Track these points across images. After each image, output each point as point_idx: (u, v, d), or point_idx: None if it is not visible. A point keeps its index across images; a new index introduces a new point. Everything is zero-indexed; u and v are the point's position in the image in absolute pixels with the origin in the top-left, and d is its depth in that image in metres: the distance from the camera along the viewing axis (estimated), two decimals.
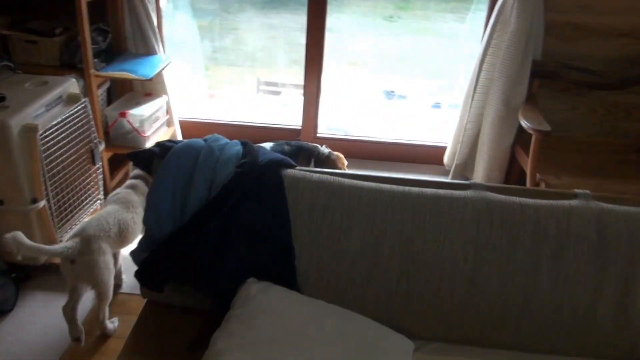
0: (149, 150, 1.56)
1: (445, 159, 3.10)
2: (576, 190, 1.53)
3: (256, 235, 1.47)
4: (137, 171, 2.16)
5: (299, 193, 1.51)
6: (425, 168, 3.20)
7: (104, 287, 1.85)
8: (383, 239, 1.48)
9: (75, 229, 1.91)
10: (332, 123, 3.88)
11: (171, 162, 1.51)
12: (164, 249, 1.44)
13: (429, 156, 3.26)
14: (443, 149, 3.16)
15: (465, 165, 2.96)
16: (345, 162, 2.68)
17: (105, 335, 2.00)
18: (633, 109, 2.75)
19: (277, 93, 4.46)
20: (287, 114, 3.89)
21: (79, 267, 1.78)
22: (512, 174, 2.78)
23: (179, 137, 3.20)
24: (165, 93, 3.06)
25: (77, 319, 1.89)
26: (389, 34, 8.27)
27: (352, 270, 1.49)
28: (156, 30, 2.96)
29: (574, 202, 1.49)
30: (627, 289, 1.43)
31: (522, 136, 2.60)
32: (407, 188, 1.51)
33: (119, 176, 2.99)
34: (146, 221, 1.48)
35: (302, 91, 3.32)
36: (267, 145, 2.72)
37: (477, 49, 2.75)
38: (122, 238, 1.94)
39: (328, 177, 1.54)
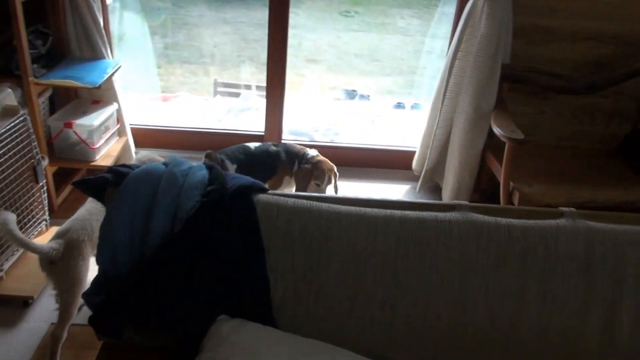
0: (101, 177, 1.41)
1: (414, 164, 3.05)
2: (562, 209, 1.48)
3: (227, 268, 1.35)
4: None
5: (272, 220, 1.40)
6: (394, 174, 3.15)
7: (72, 297, 1.79)
8: (365, 267, 1.39)
9: (60, 228, 1.83)
10: (295, 126, 3.76)
11: (127, 190, 1.37)
12: (122, 290, 1.30)
13: (397, 161, 3.20)
14: (411, 153, 3.10)
15: (435, 171, 2.92)
16: (336, 172, 2.54)
17: None
18: (596, 113, 2.77)
19: (236, 95, 4.31)
20: (248, 117, 3.75)
21: (58, 269, 1.76)
22: (482, 178, 2.75)
23: (132, 148, 3.02)
24: (116, 100, 2.88)
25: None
26: (346, 29, 8.20)
27: (332, 300, 1.40)
28: (102, 31, 2.77)
29: (560, 222, 1.44)
30: (614, 310, 1.39)
31: (492, 141, 2.58)
32: (389, 212, 1.43)
33: (65, 192, 2.79)
34: (100, 259, 1.34)
35: (263, 92, 3.18)
36: (252, 145, 2.60)
37: (434, 44, 2.72)
38: None
39: (304, 201, 1.43)
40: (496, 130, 2.30)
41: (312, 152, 2.52)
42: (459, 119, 2.63)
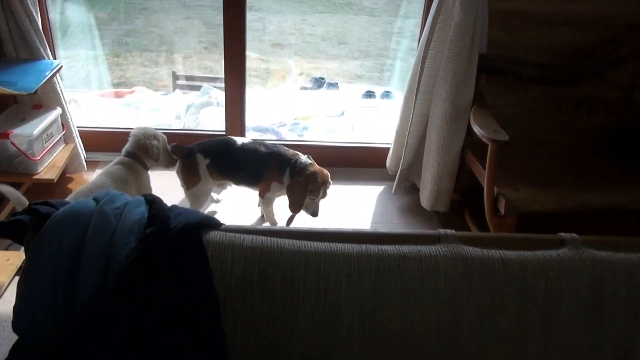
0: (18, 220, 1.15)
1: (388, 163, 2.84)
2: (563, 236, 1.28)
3: (174, 327, 1.12)
4: (128, 147, 2.20)
5: (227, 264, 1.17)
6: (368, 173, 2.93)
7: None
8: (338, 314, 1.17)
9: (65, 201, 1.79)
10: (260, 121, 3.50)
11: (48, 238, 1.11)
12: None
13: (371, 159, 2.99)
14: (384, 150, 2.89)
15: (411, 170, 2.71)
16: (330, 184, 2.23)
17: None
18: (580, 103, 2.59)
19: (197, 88, 4.01)
20: (210, 114, 3.47)
21: None
22: (461, 177, 2.56)
23: (82, 154, 2.73)
24: (59, 104, 2.57)
25: None
26: (312, 11, 7.88)
27: (302, 356, 1.18)
28: (40, 28, 2.45)
29: (562, 252, 1.25)
30: (628, 354, 1.21)
31: (471, 138, 2.37)
32: (364, 247, 1.21)
33: (6, 209, 2.49)
34: (17, 322, 1.09)
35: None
36: (240, 140, 2.30)
37: (403, 24, 2.49)
38: None
39: (264, 239, 1.20)
40: (477, 130, 2.10)
41: (305, 159, 2.21)
42: (435, 115, 2.41)
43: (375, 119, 3.77)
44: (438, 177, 2.47)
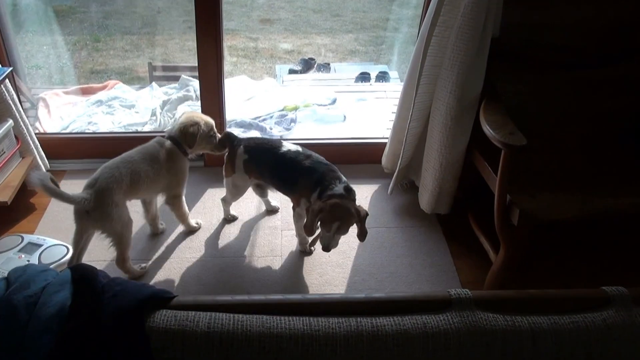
0: None
1: (384, 161, 2.55)
2: (608, 291, 1.01)
3: None
4: (171, 130, 2.11)
5: (177, 355, 0.90)
6: (361, 170, 2.64)
7: (118, 237, 1.89)
8: None
9: (89, 179, 1.89)
10: (244, 113, 3.20)
11: None
12: None
13: (365, 155, 2.69)
14: (380, 145, 2.60)
15: (410, 167, 2.42)
16: (349, 225, 1.82)
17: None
18: (602, 85, 2.26)
19: (176, 79, 3.69)
20: (190, 109, 3.17)
21: (92, 219, 1.83)
22: (465, 176, 2.27)
23: (42, 168, 2.44)
24: (10, 114, 2.27)
25: None
26: None
27: None
28: None
29: (608, 316, 0.98)
30: None
31: (478, 134, 2.06)
32: (354, 323, 0.94)
33: None
34: None
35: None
36: (286, 146, 2.00)
37: None
38: (132, 188, 1.91)
39: (226, 318, 0.93)
40: (488, 131, 1.80)
41: (339, 187, 1.81)
42: (438, 111, 2.12)
43: (369, 106, 3.46)
44: (440, 179, 2.18)
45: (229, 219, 2.32)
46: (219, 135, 2.14)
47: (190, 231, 2.23)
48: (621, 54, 2.11)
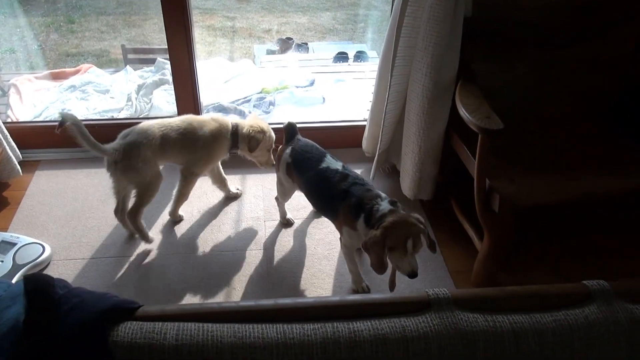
0: None
1: (364, 144, 2.48)
2: (589, 285, 0.97)
3: None
4: (238, 121, 2.10)
5: None
6: (342, 154, 2.56)
7: (139, 190, 1.95)
8: None
9: (123, 131, 1.93)
10: (221, 96, 3.09)
11: None
12: None
13: (345, 138, 2.62)
14: (360, 128, 2.53)
15: (390, 151, 2.36)
16: (421, 234, 1.57)
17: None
18: (581, 65, 2.20)
19: (151, 62, 3.55)
20: (166, 94, 3.05)
21: (119, 169, 1.88)
22: (446, 161, 2.22)
23: (13, 159, 2.31)
24: None
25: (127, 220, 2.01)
26: None
27: None
28: None
29: (591, 312, 0.93)
30: None
31: (457, 117, 2.00)
32: (330, 328, 0.88)
33: None
34: None
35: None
36: (328, 161, 1.82)
37: None
38: (161, 150, 1.93)
39: (195, 328, 0.86)
40: (464, 115, 1.74)
41: (385, 205, 1.60)
42: (414, 93, 2.04)
43: (348, 87, 3.37)
44: (420, 163, 2.12)
45: (284, 222, 2.14)
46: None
47: (174, 219, 2.15)
48: (595, 31, 2.05)
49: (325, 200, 1.81)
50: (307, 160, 1.85)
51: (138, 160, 1.87)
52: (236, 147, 2.08)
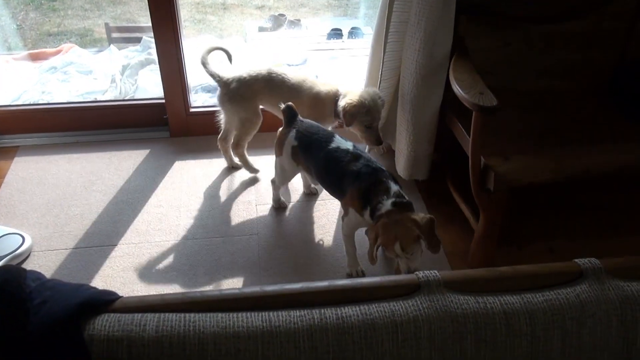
0: None
1: None
2: (580, 263, 0.97)
3: None
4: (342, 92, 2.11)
5: None
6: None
7: (239, 124, 2.18)
8: None
9: (240, 75, 2.14)
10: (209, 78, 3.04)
11: None
12: None
13: None
14: None
15: (385, 130, 2.34)
16: (414, 242, 1.59)
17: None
18: (575, 39, 2.19)
19: (137, 40, 3.50)
20: (153, 76, 3.02)
21: (224, 100, 2.15)
22: (441, 139, 2.21)
23: None
24: None
25: (229, 151, 2.30)
26: None
27: None
28: None
29: (582, 290, 0.94)
30: None
31: (451, 94, 1.99)
32: (317, 314, 0.88)
33: None
34: None
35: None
36: (338, 141, 1.80)
37: None
38: (267, 95, 2.12)
39: (176, 319, 0.86)
40: (458, 91, 1.72)
41: (387, 203, 1.61)
42: (407, 69, 2.02)
43: (342, 64, 3.34)
44: (415, 142, 2.11)
45: (276, 206, 2.15)
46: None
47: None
48: (589, 6, 2.03)
49: (335, 180, 1.81)
50: (316, 142, 1.84)
51: (242, 96, 2.09)
52: (330, 115, 2.10)
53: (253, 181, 2.29)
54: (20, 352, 0.78)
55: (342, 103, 2.01)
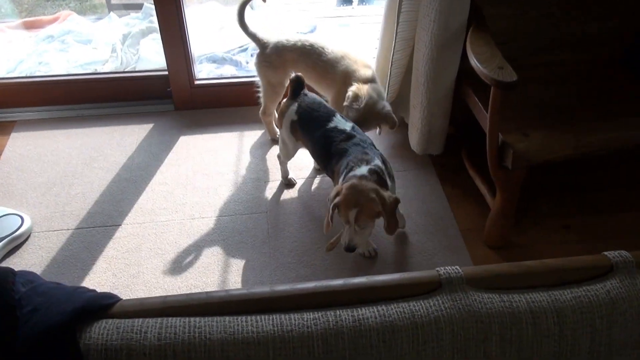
0: None
1: None
2: (610, 256, 0.92)
3: None
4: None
5: None
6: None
7: (265, 89, 2.17)
8: None
9: (276, 44, 2.11)
10: (214, 47, 2.96)
11: None
12: None
13: None
14: None
15: (398, 104, 2.26)
16: (367, 214, 1.55)
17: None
18: (594, 5, 2.08)
19: (138, 7, 3.39)
20: (155, 45, 2.93)
21: (257, 64, 2.14)
22: (456, 112, 2.13)
23: None
24: None
25: (272, 123, 2.26)
26: None
27: None
28: None
29: (613, 286, 0.89)
30: None
31: (466, 66, 1.90)
32: (332, 316, 0.84)
33: None
34: None
35: None
36: (337, 121, 1.74)
37: None
38: (301, 64, 2.08)
39: (180, 324, 0.82)
40: (476, 65, 1.64)
41: (364, 169, 1.57)
42: (422, 40, 1.93)
43: (353, 32, 3.23)
44: (429, 116, 2.04)
45: (286, 182, 2.10)
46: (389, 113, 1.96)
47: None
48: None
49: (326, 160, 1.75)
50: (315, 120, 1.78)
51: (270, 63, 2.07)
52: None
53: (262, 157, 2.23)
54: None
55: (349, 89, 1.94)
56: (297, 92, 1.86)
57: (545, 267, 0.93)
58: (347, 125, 1.74)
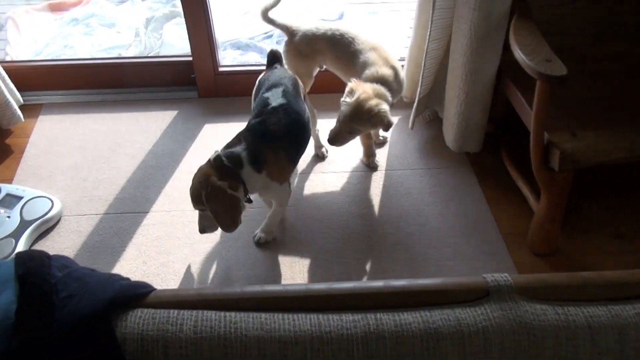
0: None
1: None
2: None
3: None
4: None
5: None
6: None
7: None
8: None
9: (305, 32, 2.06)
10: (239, 33, 2.93)
11: None
12: None
13: None
14: None
15: (431, 96, 2.21)
16: (211, 202, 1.56)
17: None
18: None
19: None
20: (178, 30, 2.91)
21: (288, 52, 2.07)
22: (498, 111, 2.07)
23: (12, 104, 2.22)
24: None
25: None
26: None
27: None
28: None
29: None
30: None
31: (508, 58, 1.83)
32: (372, 319, 0.80)
33: None
34: None
35: None
36: (279, 98, 1.72)
37: None
38: (327, 55, 2.04)
39: (216, 318, 0.79)
40: (520, 57, 1.58)
41: (212, 154, 1.63)
42: (460, 30, 1.87)
43: (383, 20, 3.17)
44: (467, 111, 1.98)
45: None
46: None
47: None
48: None
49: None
50: (260, 86, 1.83)
51: (298, 51, 2.04)
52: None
53: None
54: (45, 354, 0.72)
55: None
56: (270, 64, 1.93)
57: (604, 279, 0.88)
58: (280, 100, 1.71)
